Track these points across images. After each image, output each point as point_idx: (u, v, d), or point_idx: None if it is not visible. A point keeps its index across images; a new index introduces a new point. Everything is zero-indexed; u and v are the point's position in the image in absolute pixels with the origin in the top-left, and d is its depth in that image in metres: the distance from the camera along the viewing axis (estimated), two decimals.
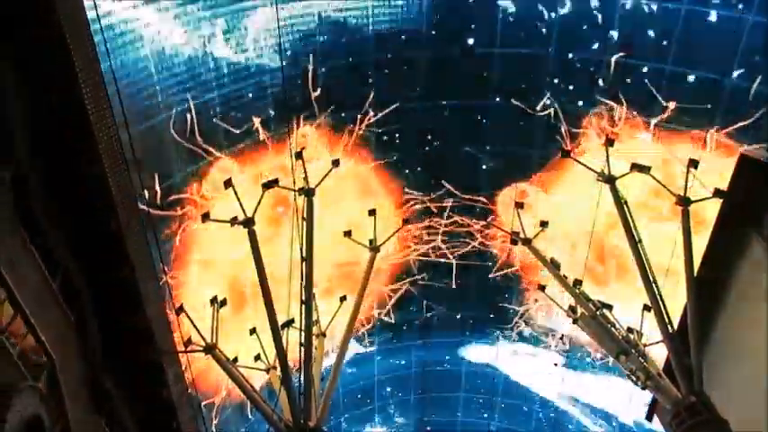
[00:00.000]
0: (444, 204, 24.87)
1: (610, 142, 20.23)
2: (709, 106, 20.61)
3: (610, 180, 19.67)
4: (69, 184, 11.18)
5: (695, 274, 18.32)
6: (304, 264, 18.80)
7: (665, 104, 21.26)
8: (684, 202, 18.69)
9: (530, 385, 30.92)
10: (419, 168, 24.31)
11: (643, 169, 19.59)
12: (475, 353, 30.73)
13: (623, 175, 19.78)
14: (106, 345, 12.88)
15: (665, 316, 18.39)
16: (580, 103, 22.29)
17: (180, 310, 18.69)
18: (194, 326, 19.19)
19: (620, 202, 19.38)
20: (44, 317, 11.37)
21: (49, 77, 10.73)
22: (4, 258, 10.30)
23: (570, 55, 21.59)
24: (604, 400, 29.25)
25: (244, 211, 18.54)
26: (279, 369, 19.19)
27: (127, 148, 11.93)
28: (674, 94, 21.07)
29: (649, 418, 23.29)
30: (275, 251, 20.88)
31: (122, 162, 11.66)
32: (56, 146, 11.10)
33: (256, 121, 21.12)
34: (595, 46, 21.22)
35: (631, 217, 19.18)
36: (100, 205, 11.27)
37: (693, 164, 19.11)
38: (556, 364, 28.33)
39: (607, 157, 20.04)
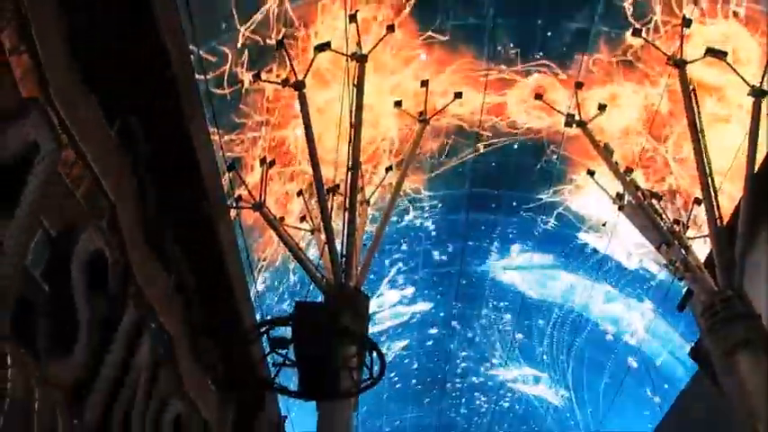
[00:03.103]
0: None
1: (687, 23, 18.85)
2: None
3: (680, 64, 18.55)
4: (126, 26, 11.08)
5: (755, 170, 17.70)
6: (352, 130, 18.86)
7: None
8: (758, 93, 17.63)
9: None
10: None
11: (718, 54, 18.36)
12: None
13: (695, 60, 18.61)
14: (161, 194, 13.39)
15: (716, 209, 18.04)
16: None
17: (231, 167, 19.21)
18: (245, 184, 19.83)
19: (686, 89, 18.42)
20: (103, 162, 11.77)
21: None
22: (64, 103, 10.51)
23: None
24: None
25: (294, 72, 18.35)
26: (323, 232, 19.91)
27: None
28: None
29: (681, 308, 23.57)
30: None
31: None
32: None
33: None
34: None
35: (697, 105, 18.29)
36: (154, 49, 11.21)
37: None
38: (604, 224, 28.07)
39: (681, 39, 18.78)
